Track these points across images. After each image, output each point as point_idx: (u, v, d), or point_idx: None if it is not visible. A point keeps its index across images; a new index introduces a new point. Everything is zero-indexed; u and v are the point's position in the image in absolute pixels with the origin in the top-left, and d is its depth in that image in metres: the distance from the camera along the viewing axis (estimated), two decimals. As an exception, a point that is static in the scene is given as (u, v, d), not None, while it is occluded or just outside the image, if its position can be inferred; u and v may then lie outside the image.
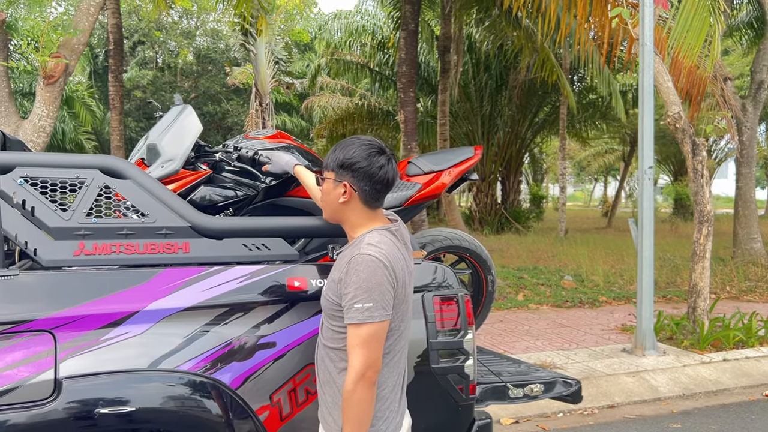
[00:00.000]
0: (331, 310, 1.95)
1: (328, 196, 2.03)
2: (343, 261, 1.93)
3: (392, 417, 1.98)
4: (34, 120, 6.32)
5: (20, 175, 2.09)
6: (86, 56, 22.11)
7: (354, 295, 1.84)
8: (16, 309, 1.93)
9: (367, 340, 1.83)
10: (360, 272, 1.85)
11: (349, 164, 1.96)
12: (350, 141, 2.02)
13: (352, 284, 1.85)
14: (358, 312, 1.83)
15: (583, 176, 49.70)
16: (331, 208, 2.05)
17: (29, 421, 1.86)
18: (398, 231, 2.06)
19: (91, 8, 6.65)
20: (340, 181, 1.97)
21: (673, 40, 6.96)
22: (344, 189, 1.97)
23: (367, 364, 1.83)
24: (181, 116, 2.58)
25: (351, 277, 1.86)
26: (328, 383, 1.99)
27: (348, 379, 1.84)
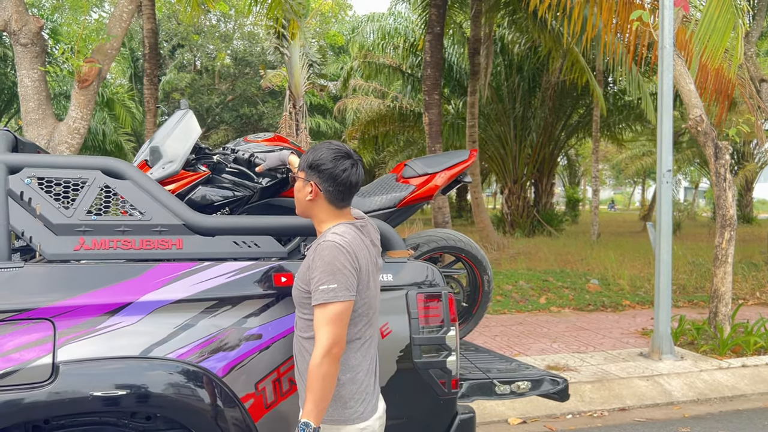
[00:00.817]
0: (302, 299, 2.10)
1: (299, 194, 2.18)
2: (310, 251, 2.10)
3: (368, 399, 2.11)
4: (69, 122, 6.59)
5: (27, 175, 2.26)
6: (127, 59, 22.78)
7: (319, 278, 1.99)
8: (20, 298, 2.10)
9: (332, 319, 1.98)
10: (324, 257, 2.00)
11: (315, 165, 2.11)
12: (321, 145, 2.16)
13: (317, 268, 2.00)
14: (324, 293, 1.98)
15: (622, 179, 48.87)
16: (300, 205, 2.20)
17: (29, 401, 2.02)
18: (364, 228, 2.20)
19: (124, 14, 6.90)
20: (308, 181, 2.13)
21: (698, 41, 6.89)
22: (311, 188, 2.12)
23: (333, 341, 1.97)
24: (182, 120, 2.73)
25: (316, 262, 2.01)
26: (305, 372, 2.10)
27: (315, 354, 1.97)
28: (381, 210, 2.96)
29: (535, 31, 12.53)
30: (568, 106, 19.56)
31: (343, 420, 2.07)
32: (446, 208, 11.04)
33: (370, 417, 2.11)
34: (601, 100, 14.65)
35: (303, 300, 2.09)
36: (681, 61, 6.39)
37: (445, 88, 20.04)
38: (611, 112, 19.53)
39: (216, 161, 2.80)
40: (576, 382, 5.38)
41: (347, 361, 2.09)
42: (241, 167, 2.76)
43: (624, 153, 32.33)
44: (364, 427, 2.09)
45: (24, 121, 6.53)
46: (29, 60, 6.29)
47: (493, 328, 7.48)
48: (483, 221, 14.64)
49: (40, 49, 6.48)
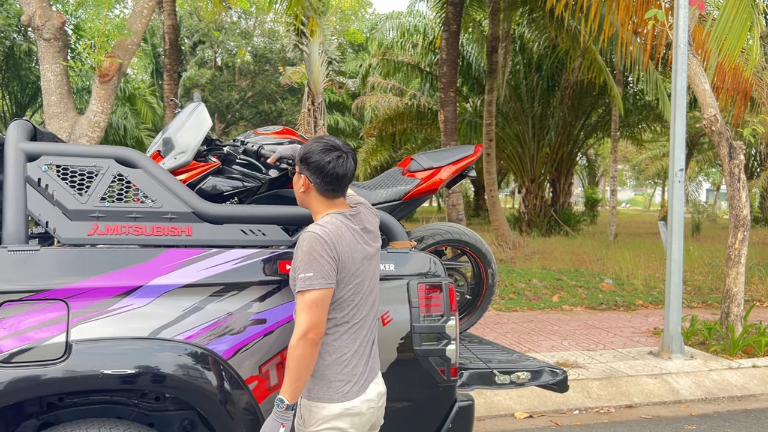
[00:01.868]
0: (292, 285, 2.20)
1: (295, 186, 2.32)
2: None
3: (356, 380, 2.20)
4: (90, 116, 6.73)
5: (45, 162, 2.37)
6: (149, 55, 23.08)
7: (298, 266, 2.12)
8: (36, 279, 2.20)
9: (308, 305, 2.09)
10: (303, 247, 2.11)
11: (305, 158, 2.23)
12: (312, 139, 2.28)
13: (297, 258, 2.13)
14: (301, 281, 2.09)
15: (642, 180, 48.48)
16: (298, 197, 2.33)
17: (43, 377, 2.12)
18: (355, 216, 2.28)
19: (144, 10, 7.03)
20: (301, 174, 2.25)
21: (714, 40, 6.87)
22: (303, 181, 2.24)
23: (309, 326, 2.08)
24: (194, 113, 2.82)
25: (297, 252, 2.14)
26: None
27: (293, 337, 2.09)
28: (386, 202, 3.03)
29: (553, 29, 12.52)
30: (587, 105, 19.47)
31: (327, 398, 2.16)
32: (460, 205, 11.08)
33: (355, 398, 2.18)
34: (618, 100, 14.57)
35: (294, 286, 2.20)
36: (696, 61, 6.38)
37: (463, 86, 20.06)
38: (630, 112, 19.41)
39: (226, 153, 2.90)
40: (584, 378, 5.41)
41: (333, 343, 2.19)
42: (250, 159, 2.85)
43: (644, 153, 32.08)
44: (349, 407, 2.17)
45: (46, 114, 6.69)
46: (52, 55, 6.45)
47: (504, 325, 7.52)
48: (498, 220, 14.65)
49: (63, 44, 6.63)
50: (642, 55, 9.34)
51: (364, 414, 2.20)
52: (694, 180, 35.38)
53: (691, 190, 34.82)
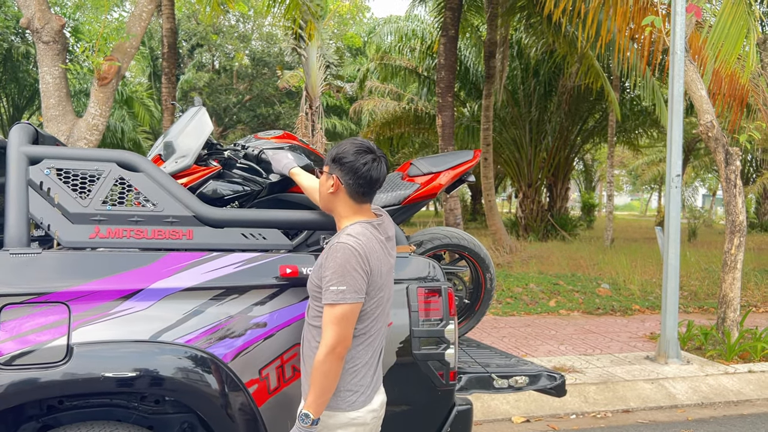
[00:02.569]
0: (314, 292, 2.18)
1: (322, 187, 2.27)
2: (325, 249, 2.16)
3: (363, 390, 2.19)
4: (88, 119, 6.74)
5: (47, 166, 2.38)
6: (146, 58, 23.09)
7: (330, 278, 2.07)
8: (38, 282, 2.21)
9: (339, 319, 2.06)
10: (336, 258, 2.07)
11: (338, 158, 2.18)
12: (346, 140, 2.24)
13: (329, 268, 2.08)
14: (333, 294, 2.06)
15: (639, 185, 48.60)
16: (323, 199, 2.29)
17: (44, 380, 2.13)
18: (381, 225, 2.27)
19: (143, 14, 7.05)
20: (331, 174, 2.20)
21: (711, 47, 6.91)
22: (333, 181, 2.20)
23: (337, 340, 2.06)
24: (196, 117, 2.83)
25: (329, 262, 2.08)
26: (309, 357, 2.20)
27: (320, 351, 2.06)
28: (386, 207, 3.04)
29: (551, 35, 12.57)
30: (584, 110, 19.53)
31: (334, 407, 2.15)
32: (458, 209, 11.10)
33: (361, 407, 2.17)
34: (615, 105, 14.63)
35: (315, 293, 2.18)
36: (693, 67, 6.41)
37: (461, 91, 20.12)
38: (627, 118, 19.47)
39: (227, 157, 2.91)
40: (581, 383, 5.43)
41: (348, 354, 2.15)
42: (250, 163, 2.86)
43: (641, 159, 32.17)
44: (355, 417, 2.16)
45: (44, 117, 6.69)
46: (51, 57, 6.45)
47: (501, 329, 7.53)
48: (495, 224, 14.68)
49: (62, 47, 6.64)
50: (639, 61, 9.40)
51: (368, 424, 2.20)
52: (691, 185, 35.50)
53: (688, 195, 34.94)
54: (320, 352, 2.06)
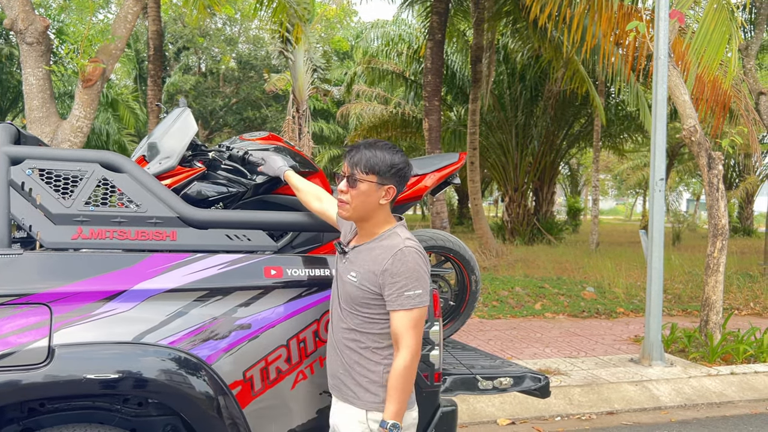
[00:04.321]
0: (365, 299, 2.13)
1: (368, 198, 2.14)
2: (383, 254, 2.11)
3: None
4: (72, 121, 6.68)
5: (29, 166, 2.36)
6: (132, 61, 22.95)
7: (405, 283, 2.06)
8: (19, 283, 2.18)
9: (418, 323, 2.08)
10: (408, 263, 2.06)
11: (397, 169, 2.14)
12: (383, 145, 2.18)
13: (401, 274, 2.06)
14: (410, 298, 2.06)
15: (624, 190, 48.98)
16: (365, 209, 2.16)
17: (25, 382, 2.10)
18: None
19: (129, 16, 7.01)
20: (384, 184, 2.14)
21: (694, 53, 7.00)
22: (386, 191, 2.15)
23: (419, 344, 2.10)
24: (180, 118, 2.82)
25: (399, 268, 2.06)
26: (359, 364, 2.17)
27: (405, 358, 2.05)
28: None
29: (536, 40, 12.65)
30: (570, 115, 19.68)
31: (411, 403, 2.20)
32: (444, 213, 11.13)
33: (413, 406, 2.24)
34: (600, 110, 14.75)
35: (367, 300, 2.14)
36: (676, 72, 6.49)
37: (447, 95, 20.19)
38: (612, 122, 19.64)
39: (211, 158, 2.90)
40: (566, 385, 5.45)
41: None
42: (235, 164, 2.86)
43: (626, 163, 32.43)
44: (415, 416, 2.24)
45: (28, 119, 6.63)
46: (34, 59, 6.40)
47: (487, 332, 7.55)
48: (482, 228, 14.73)
49: (46, 49, 6.59)
50: (623, 66, 9.49)
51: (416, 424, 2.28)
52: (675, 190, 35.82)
53: (672, 199, 35.25)
54: (405, 358, 2.05)
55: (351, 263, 2.20)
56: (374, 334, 2.15)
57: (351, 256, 2.22)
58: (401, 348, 2.07)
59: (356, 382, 2.17)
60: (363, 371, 2.16)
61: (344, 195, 2.15)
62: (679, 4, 6.70)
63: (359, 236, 2.26)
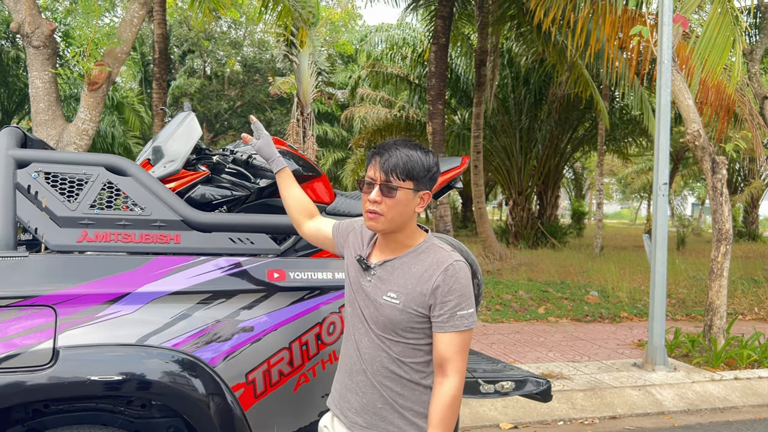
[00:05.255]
0: (412, 323, 1.91)
1: (405, 207, 1.92)
2: (430, 270, 1.90)
3: None
4: (78, 124, 6.72)
5: (35, 169, 2.38)
6: (137, 64, 23.06)
7: (458, 302, 1.86)
8: (24, 285, 2.20)
9: (466, 345, 1.91)
10: (460, 279, 1.88)
11: (433, 173, 1.95)
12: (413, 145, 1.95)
13: (454, 292, 1.86)
14: (463, 319, 1.87)
15: (628, 194, 48.90)
16: (402, 219, 1.93)
17: (30, 383, 2.12)
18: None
19: (134, 19, 7.05)
20: (420, 190, 1.93)
21: (698, 57, 7.00)
22: (421, 198, 1.95)
23: (466, 368, 1.92)
24: (185, 122, 2.85)
25: (452, 285, 1.87)
26: (402, 397, 1.96)
27: (455, 386, 1.87)
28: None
29: (541, 44, 12.67)
30: (574, 119, 19.67)
31: None
32: (448, 216, 11.14)
33: None
34: (604, 114, 14.75)
35: (413, 324, 1.92)
36: (680, 77, 6.49)
37: (451, 99, 20.22)
38: (617, 126, 19.63)
39: (215, 162, 2.92)
40: (569, 389, 5.45)
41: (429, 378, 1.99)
42: (239, 168, 2.88)
43: (630, 167, 32.40)
44: None
45: (34, 122, 6.67)
46: (41, 62, 6.44)
47: (490, 336, 7.55)
48: (486, 231, 14.73)
49: (52, 52, 6.63)
50: (627, 70, 9.50)
51: None
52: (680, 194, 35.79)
53: (677, 204, 35.19)
54: (454, 386, 1.87)
55: (383, 282, 1.96)
56: (418, 363, 1.96)
57: (381, 273, 1.97)
58: (449, 373, 1.87)
59: (402, 415, 1.95)
60: (407, 404, 1.95)
61: (377, 206, 1.90)
62: (683, 8, 6.70)
63: (386, 250, 2.02)
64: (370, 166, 1.95)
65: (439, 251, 1.93)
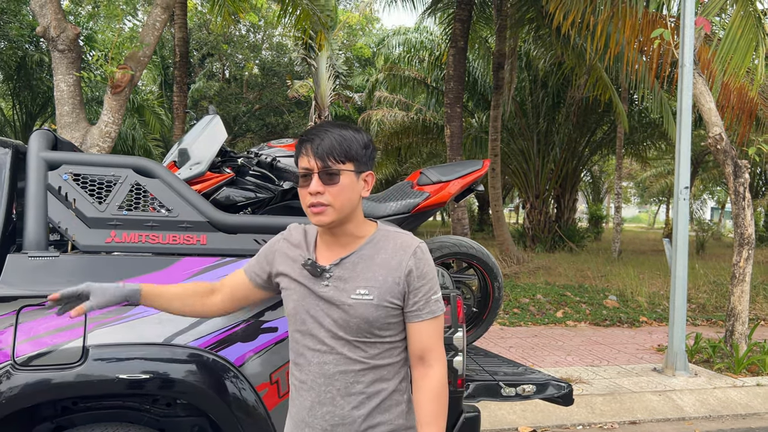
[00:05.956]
0: (388, 318, 1.72)
1: (352, 192, 1.70)
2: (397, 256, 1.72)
3: None
4: (101, 126, 6.82)
5: (65, 171, 2.43)
6: (158, 67, 23.28)
7: (431, 286, 1.73)
8: (56, 285, 2.25)
9: (443, 329, 1.78)
10: (429, 261, 1.75)
11: (372, 149, 1.76)
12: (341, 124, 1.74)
13: (426, 276, 1.72)
14: (438, 302, 1.75)
15: (646, 197, 48.45)
16: (351, 206, 1.71)
17: (60, 380, 2.17)
18: None
19: (157, 23, 7.14)
20: (362, 171, 1.73)
21: (720, 60, 6.94)
22: (364, 180, 1.75)
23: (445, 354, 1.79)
24: (210, 125, 2.89)
25: (423, 269, 1.72)
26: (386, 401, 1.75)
27: (442, 374, 1.74)
28: (396, 215, 3.08)
29: (559, 47, 12.62)
30: (592, 122, 19.55)
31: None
32: (465, 219, 11.12)
33: None
34: (623, 117, 14.65)
35: (389, 319, 1.73)
36: (702, 80, 6.44)
37: (469, 102, 20.19)
38: (636, 130, 19.47)
39: (240, 164, 2.96)
40: (588, 394, 5.42)
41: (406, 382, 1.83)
42: (263, 170, 2.91)
43: (649, 171, 32.11)
44: None
45: (58, 124, 6.77)
46: (66, 66, 6.54)
47: (508, 339, 7.53)
48: (503, 235, 14.69)
49: (76, 56, 6.73)
50: (647, 73, 9.43)
51: None
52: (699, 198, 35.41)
53: (696, 208, 34.82)
54: (441, 374, 1.74)
55: (346, 281, 1.72)
56: (394, 364, 1.77)
57: (340, 272, 1.73)
58: (434, 363, 1.73)
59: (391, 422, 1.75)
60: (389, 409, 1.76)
61: (321, 197, 1.66)
62: (705, 11, 6.65)
63: (335, 247, 1.78)
64: (301, 157, 1.70)
65: (399, 236, 1.76)
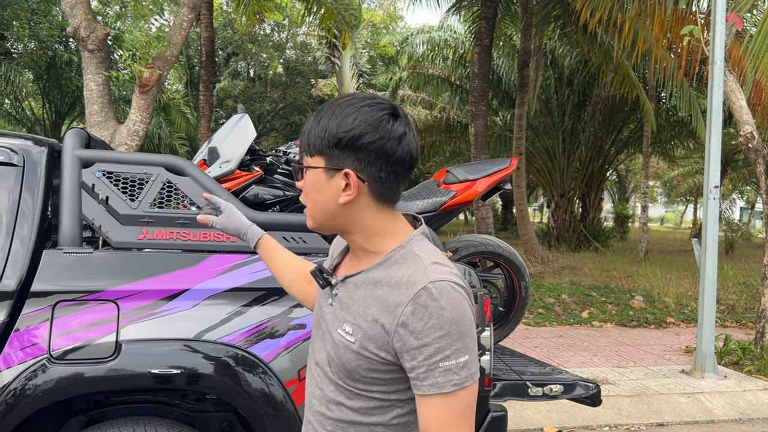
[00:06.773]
0: (371, 372, 1.25)
1: (319, 195, 1.28)
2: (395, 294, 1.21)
3: None
4: (129, 125, 6.92)
5: (99, 169, 2.48)
6: (183, 66, 23.53)
7: (440, 347, 1.16)
8: (89, 281, 2.30)
9: (469, 409, 1.20)
10: (444, 310, 1.16)
11: (351, 140, 1.22)
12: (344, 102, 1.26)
13: (431, 330, 1.16)
14: (451, 373, 1.16)
15: (673, 197, 47.78)
16: (323, 212, 1.29)
17: (93, 374, 2.21)
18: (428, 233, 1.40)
19: (184, 23, 7.22)
20: (338, 169, 1.24)
21: (751, 57, 6.82)
22: (346, 181, 1.24)
23: None
24: (239, 124, 2.92)
25: (427, 321, 1.16)
26: None
27: None
28: (422, 213, 3.08)
29: (585, 44, 12.49)
30: (619, 120, 19.32)
31: None
32: (489, 218, 11.07)
33: None
34: (651, 116, 14.45)
35: (374, 374, 1.25)
36: (733, 77, 6.33)
37: (493, 100, 20.08)
38: (663, 128, 19.20)
39: (269, 162, 2.99)
40: (614, 395, 5.37)
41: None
42: (291, 168, 2.93)
43: (676, 170, 31.65)
44: None
45: (88, 123, 6.88)
46: (95, 65, 6.65)
47: (533, 339, 7.49)
48: (527, 234, 14.59)
49: (105, 55, 6.83)
50: (676, 71, 9.29)
51: None
52: (729, 198, 34.77)
53: (725, 208, 34.22)
54: None
55: (343, 307, 1.31)
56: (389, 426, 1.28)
57: (342, 293, 1.32)
58: None
59: None
60: None
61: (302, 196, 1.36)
62: (737, 7, 6.54)
63: (352, 259, 1.38)
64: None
65: (414, 264, 1.23)
